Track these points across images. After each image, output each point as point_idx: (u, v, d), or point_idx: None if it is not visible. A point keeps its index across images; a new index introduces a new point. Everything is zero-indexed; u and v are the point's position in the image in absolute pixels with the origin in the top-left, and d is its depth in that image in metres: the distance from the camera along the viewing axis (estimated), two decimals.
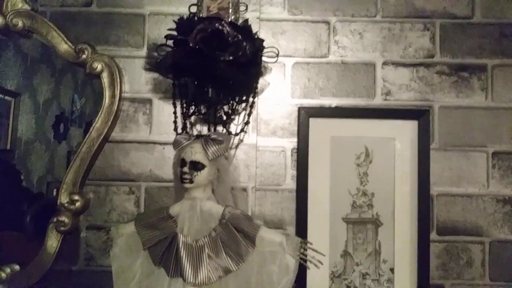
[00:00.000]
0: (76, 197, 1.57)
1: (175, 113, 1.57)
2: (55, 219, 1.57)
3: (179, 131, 1.56)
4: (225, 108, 1.56)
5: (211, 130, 1.56)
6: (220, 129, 1.56)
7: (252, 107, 1.57)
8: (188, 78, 1.53)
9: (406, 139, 1.61)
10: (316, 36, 1.67)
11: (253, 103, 1.58)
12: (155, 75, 1.62)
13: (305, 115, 1.61)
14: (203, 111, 1.56)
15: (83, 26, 1.68)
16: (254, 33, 1.49)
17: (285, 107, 1.65)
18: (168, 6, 1.68)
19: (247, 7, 1.60)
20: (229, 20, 1.50)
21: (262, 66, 1.52)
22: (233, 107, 1.56)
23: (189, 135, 1.45)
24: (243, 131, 1.59)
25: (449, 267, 1.60)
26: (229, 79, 1.47)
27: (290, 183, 1.62)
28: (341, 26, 1.67)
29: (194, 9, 1.55)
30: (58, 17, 1.67)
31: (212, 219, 1.38)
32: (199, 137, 1.43)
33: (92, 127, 1.60)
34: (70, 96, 1.67)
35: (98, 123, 1.60)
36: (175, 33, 1.46)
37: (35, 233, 1.59)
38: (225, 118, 1.56)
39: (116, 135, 1.64)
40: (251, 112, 1.58)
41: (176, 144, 1.43)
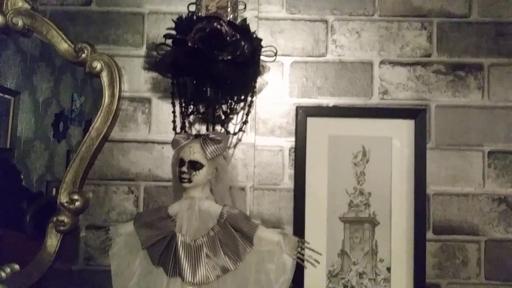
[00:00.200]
0: (75, 197, 1.57)
1: (174, 112, 1.58)
2: (54, 219, 1.57)
3: (178, 130, 1.57)
4: (224, 107, 1.56)
5: (210, 129, 1.56)
6: (218, 128, 1.57)
7: (250, 106, 1.58)
8: (187, 77, 1.53)
9: (403, 138, 1.61)
10: (314, 35, 1.67)
11: (251, 102, 1.58)
12: (154, 74, 1.62)
13: (303, 114, 1.61)
14: (202, 111, 1.56)
15: (82, 25, 1.68)
16: (252, 32, 1.50)
17: (283, 106, 1.65)
18: (167, 5, 1.68)
19: (245, 6, 1.60)
20: (228, 19, 1.51)
21: (260, 65, 1.53)
22: (232, 106, 1.56)
23: (187, 135, 1.45)
24: (241, 130, 1.59)
25: (445, 266, 1.60)
26: (227, 78, 1.47)
27: (287, 182, 1.62)
28: (339, 25, 1.67)
29: (193, 8, 1.56)
30: (57, 16, 1.67)
31: (210, 218, 1.39)
32: (197, 136, 1.43)
33: (91, 127, 1.59)
34: (69, 94, 1.67)
35: (97, 122, 1.60)
36: (174, 32, 1.46)
37: (35, 232, 1.59)
38: (223, 117, 1.56)
39: (115, 134, 1.64)
40: (249, 111, 1.58)
41: (174, 143, 1.44)
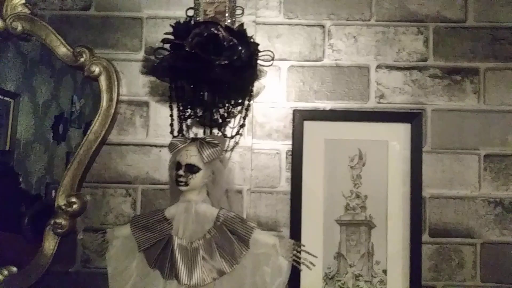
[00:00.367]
0: (73, 199, 1.58)
1: (172, 115, 1.58)
2: (52, 221, 1.58)
3: (176, 133, 1.57)
4: (221, 111, 1.56)
5: (207, 132, 1.56)
6: (216, 131, 1.57)
7: (247, 110, 1.58)
8: (184, 81, 1.54)
9: (399, 141, 1.62)
10: (311, 39, 1.68)
11: (249, 106, 1.59)
12: (152, 78, 1.62)
13: (300, 118, 1.62)
14: (199, 114, 1.56)
15: (81, 29, 1.69)
16: (249, 37, 1.50)
17: (280, 110, 1.66)
18: (165, 9, 1.69)
19: (243, 11, 1.62)
20: (226, 23, 1.52)
21: (257, 69, 1.53)
22: (229, 110, 1.57)
23: (184, 138, 1.46)
24: (238, 133, 1.60)
25: (441, 269, 1.61)
26: (224, 82, 1.48)
27: (284, 185, 1.63)
28: (336, 29, 1.68)
29: (191, 13, 1.57)
30: (57, 21, 1.68)
31: (206, 221, 1.39)
32: (194, 140, 1.43)
33: (89, 130, 1.60)
34: (69, 96, 1.68)
35: (95, 125, 1.61)
36: (171, 37, 1.47)
37: (33, 235, 1.60)
38: (220, 121, 1.56)
39: (113, 137, 1.65)
40: (246, 115, 1.58)
41: (171, 147, 1.44)
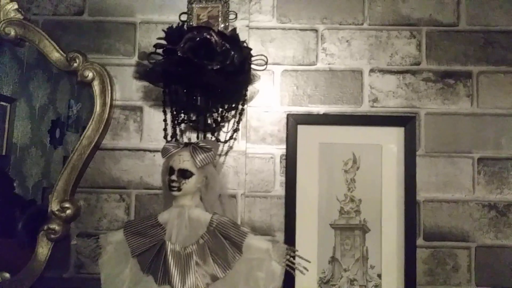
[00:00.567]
0: (67, 205, 1.58)
1: (166, 120, 1.57)
2: (46, 227, 1.57)
3: (169, 138, 1.56)
4: (215, 115, 1.57)
5: (201, 137, 1.56)
6: (209, 136, 1.56)
7: (241, 114, 1.59)
8: (178, 86, 1.54)
9: (392, 145, 1.62)
10: (304, 44, 1.68)
11: (242, 110, 1.59)
12: (146, 83, 1.62)
13: (294, 122, 1.62)
14: (193, 119, 1.56)
15: (74, 34, 1.69)
16: (242, 41, 1.51)
17: (274, 114, 1.66)
18: (159, 14, 1.69)
19: (236, 16, 1.62)
20: (219, 28, 1.52)
21: (251, 74, 1.53)
22: (223, 115, 1.57)
23: (177, 143, 1.46)
24: (232, 138, 1.60)
25: (435, 273, 1.60)
26: (217, 87, 1.48)
27: (279, 190, 1.63)
28: (329, 34, 1.68)
29: (184, 18, 1.57)
30: (50, 26, 1.68)
31: (200, 226, 1.38)
32: (187, 145, 1.43)
33: (83, 135, 1.60)
34: (66, 101, 1.68)
35: (89, 130, 1.61)
36: (164, 42, 1.47)
37: (26, 240, 1.60)
38: (214, 125, 1.56)
39: (107, 142, 1.65)
40: (240, 119, 1.59)
41: (164, 152, 1.43)
